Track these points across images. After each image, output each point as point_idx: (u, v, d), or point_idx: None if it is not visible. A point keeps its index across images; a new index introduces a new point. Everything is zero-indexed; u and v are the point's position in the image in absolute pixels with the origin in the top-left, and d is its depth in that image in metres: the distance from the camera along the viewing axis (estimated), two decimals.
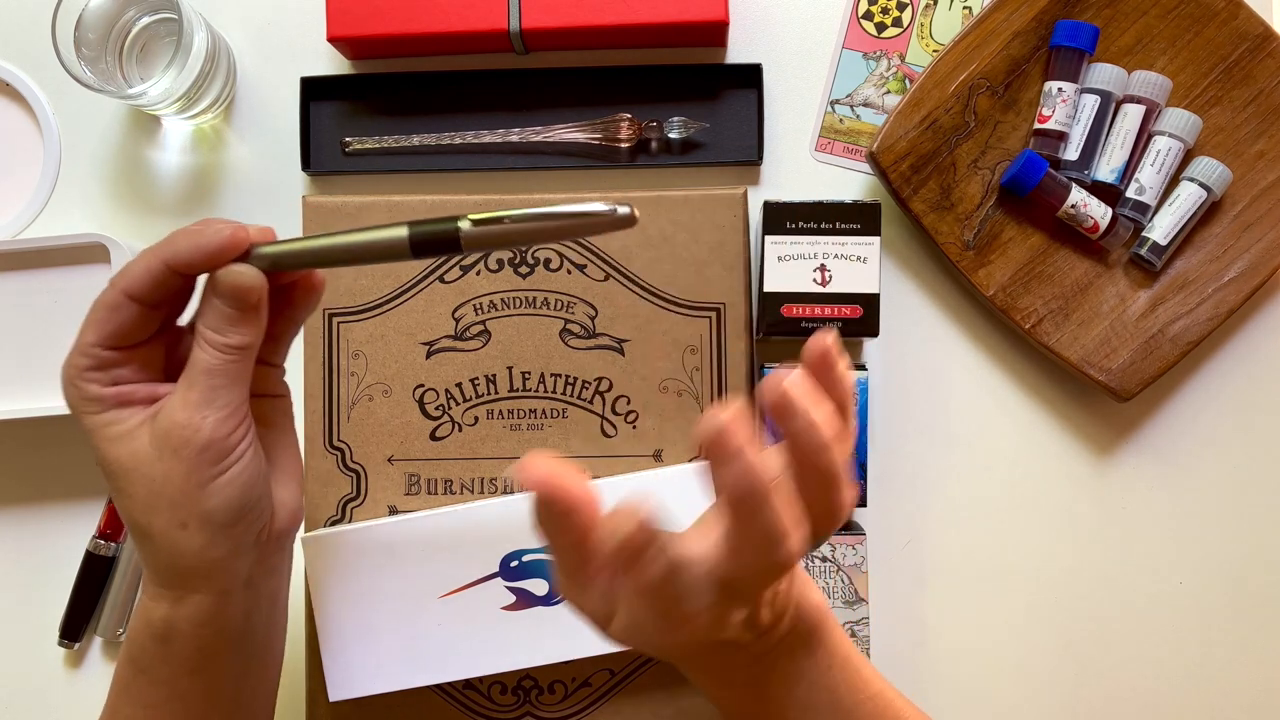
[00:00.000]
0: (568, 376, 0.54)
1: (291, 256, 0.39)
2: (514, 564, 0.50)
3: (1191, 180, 0.55)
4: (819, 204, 0.53)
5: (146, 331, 0.40)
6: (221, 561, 0.40)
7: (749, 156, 0.59)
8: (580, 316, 0.54)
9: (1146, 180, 0.56)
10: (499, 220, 0.37)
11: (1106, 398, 0.57)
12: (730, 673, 0.38)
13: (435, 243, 0.37)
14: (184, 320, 0.42)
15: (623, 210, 0.36)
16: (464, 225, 0.36)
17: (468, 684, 0.53)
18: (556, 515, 0.34)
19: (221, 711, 0.43)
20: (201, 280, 0.40)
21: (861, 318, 0.54)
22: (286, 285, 0.42)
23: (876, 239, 0.53)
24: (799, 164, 0.60)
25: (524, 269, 0.54)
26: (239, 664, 0.43)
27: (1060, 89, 0.55)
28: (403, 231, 0.37)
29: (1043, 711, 0.58)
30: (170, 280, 0.38)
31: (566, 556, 0.35)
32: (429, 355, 0.54)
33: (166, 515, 0.39)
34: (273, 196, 0.60)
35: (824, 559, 0.55)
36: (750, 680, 0.38)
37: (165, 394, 0.40)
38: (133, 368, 0.40)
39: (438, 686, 0.53)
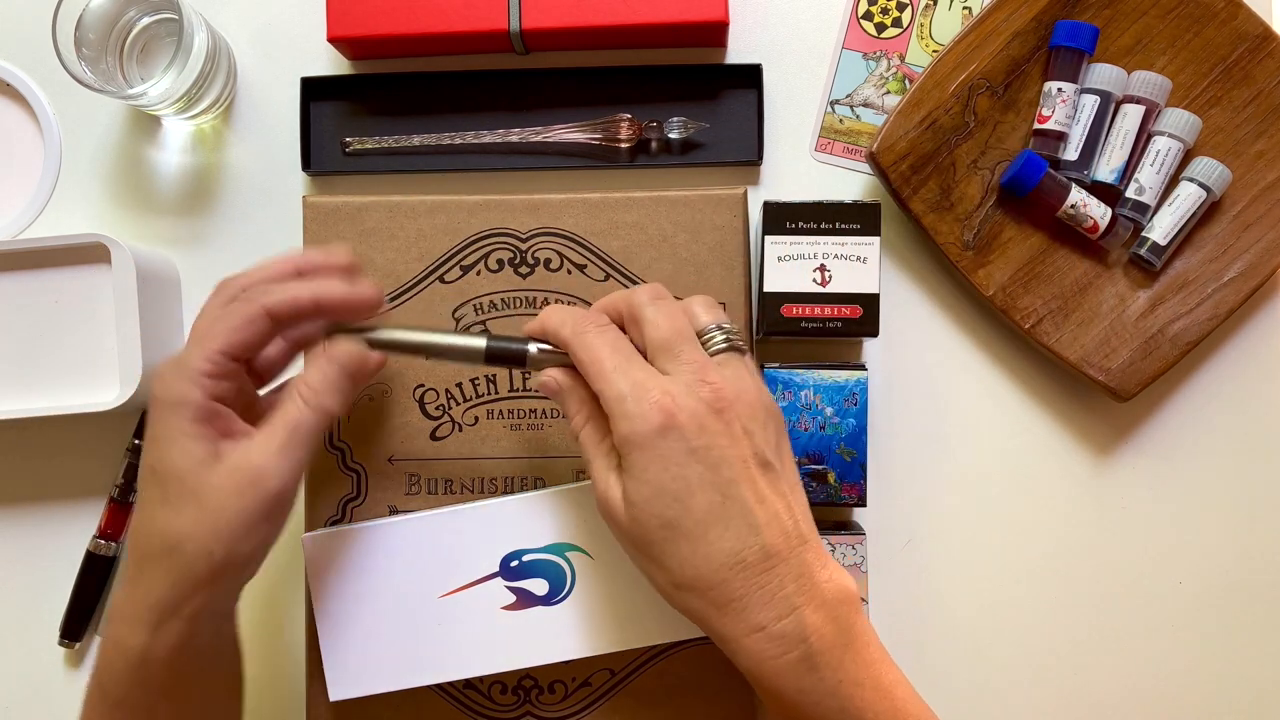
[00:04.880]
0: None
1: (387, 344, 0.45)
2: (514, 564, 0.50)
3: (1191, 180, 0.56)
4: (819, 204, 0.53)
5: (255, 354, 0.43)
6: (218, 594, 0.42)
7: (749, 156, 0.59)
8: None
9: (1146, 180, 0.56)
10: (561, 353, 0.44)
11: (1106, 398, 0.57)
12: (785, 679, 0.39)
13: (506, 358, 0.45)
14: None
15: None
16: (532, 349, 0.45)
17: (468, 684, 0.53)
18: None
19: None
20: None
21: (861, 318, 0.54)
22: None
23: (876, 239, 0.53)
24: (799, 164, 0.60)
25: (524, 269, 0.54)
26: (207, 688, 0.45)
27: (1060, 89, 0.56)
28: (480, 343, 0.45)
29: (1042, 711, 0.58)
30: (309, 310, 0.43)
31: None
32: None
33: (202, 541, 0.40)
34: (273, 196, 0.60)
35: None
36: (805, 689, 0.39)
37: (240, 431, 0.42)
38: (231, 394, 0.42)
39: (438, 686, 0.53)
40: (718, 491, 0.39)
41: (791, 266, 0.54)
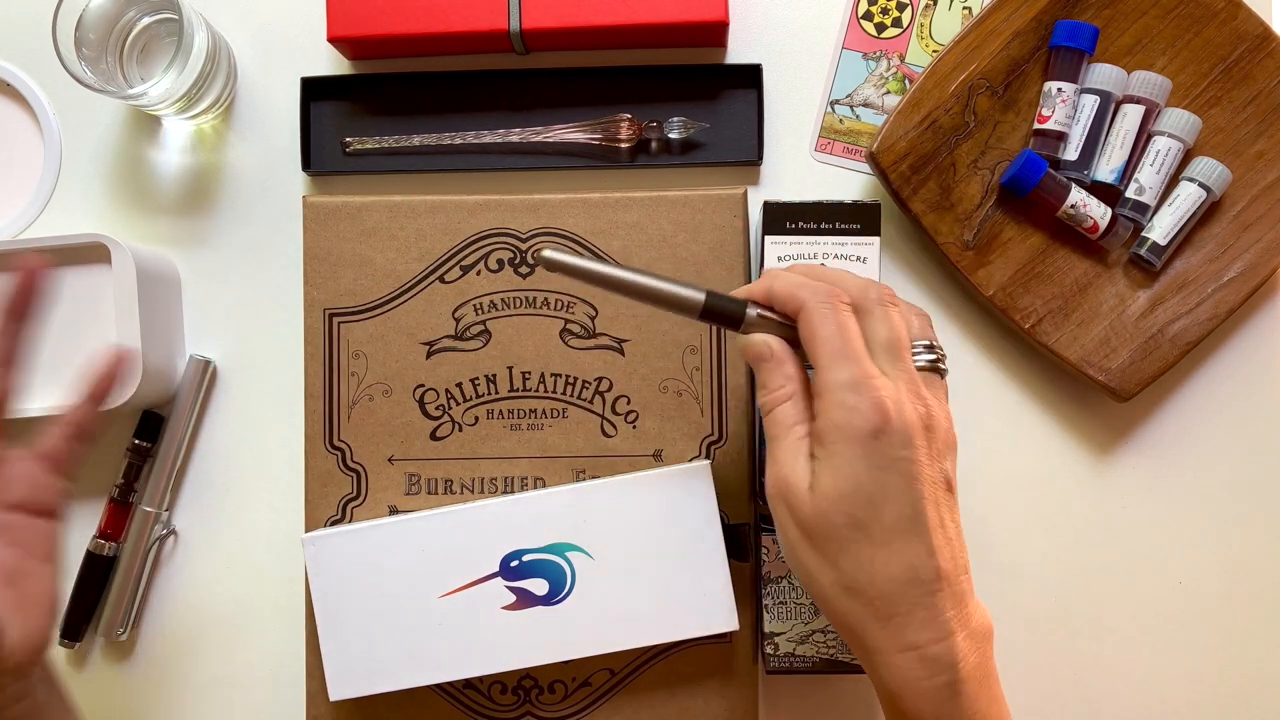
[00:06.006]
0: (568, 376, 0.54)
1: (598, 276, 0.43)
2: (514, 564, 0.50)
3: (1191, 180, 0.56)
4: (819, 204, 0.53)
5: None
6: None
7: (749, 156, 0.59)
8: (580, 316, 0.54)
9: (1146, 180, 0.56)
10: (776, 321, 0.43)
11: (1106, 398, 0.57)
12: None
13: (722, 316, 0.43)
14: None
15: None
16: (751, 312, 0.43)
17: (468, 684, 0.53)
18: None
19: None
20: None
21: None
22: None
23: (876, 239, 0.53)
24: (799, 164, 0.60)
25: (524, 269, 0.54)
26: None
27: (1060, 89, 0.56)
28: (699, 296, 0.43)
29: (1041, 710, 0.58)
30: None
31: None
32: (429, 355, 0.54)
33: None
34: (273, 196, 0.60)
35: None
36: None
37: None
38: None
39: (438, 686, 0.53)
40: (909, 505, 0.39)
41: None
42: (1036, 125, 0.56)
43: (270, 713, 0.58)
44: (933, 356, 0.43)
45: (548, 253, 0.43)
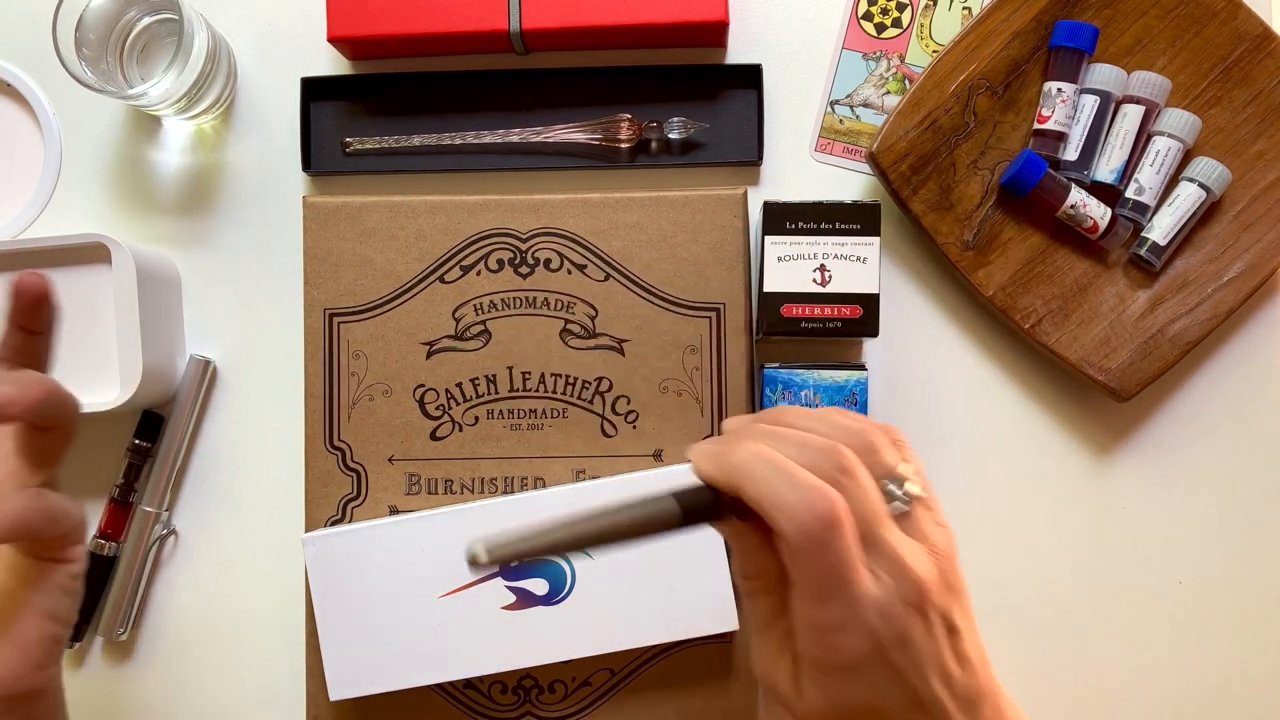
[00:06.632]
0: (568, 376, 0.54)
1: (556, 546, 0.34)
2: (514, 564, 0.50)
3: (1191, 180, 0.56)
4: (819, 204, 0.53)
5: None
6: None
7: (749, 156, 0.59)
8: (580, 316, 0.54)
9: (1146, 180, 0.56)
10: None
11: (1106, 398, 0.57)
12: None
13: (700, 514, 0.35)
14: None
15: None
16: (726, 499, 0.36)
17: (468, 684, 0.53)
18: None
19: None
20: None
21: (861, 318, 0.54)
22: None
23: (876, 239, 0.53)
24: (799, 164, 0.60)
25: (524, 269, 0.54)
26: None
27: (1060, 89, 0.56)
28: (674, 506, 0.34)
29: (1041, 711, 0.58)
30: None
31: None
32: (429, 355, 0.54)
33: None
34: (273, 196, 0.60)
35: None
36: None
37: None
38: None
39: (438, 686, 0.53)
40: (913, 697, 0.35)
41: (791, 266, 0.54)
42: (1036, 125, 0.56)
43: (270, 713, 0.58)
44: (902, 494, 0.36)
45: (477, 549, 0.32)
